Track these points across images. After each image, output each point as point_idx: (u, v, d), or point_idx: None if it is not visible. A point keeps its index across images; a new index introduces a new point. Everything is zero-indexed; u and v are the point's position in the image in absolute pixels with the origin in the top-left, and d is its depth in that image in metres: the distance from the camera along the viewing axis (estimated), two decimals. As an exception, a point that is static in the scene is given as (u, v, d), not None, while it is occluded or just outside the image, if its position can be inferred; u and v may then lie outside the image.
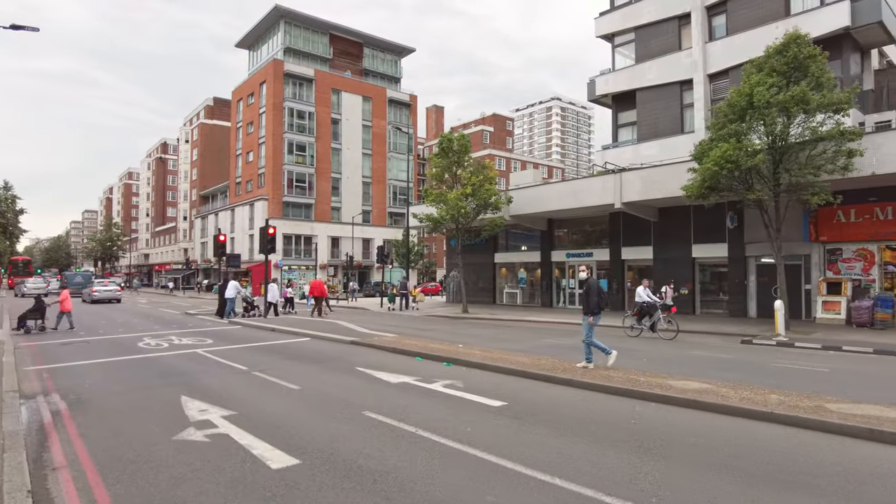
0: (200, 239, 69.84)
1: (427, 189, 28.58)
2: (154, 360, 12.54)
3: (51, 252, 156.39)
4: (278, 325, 19.00)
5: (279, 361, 12.05)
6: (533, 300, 32.20)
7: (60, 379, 10.34)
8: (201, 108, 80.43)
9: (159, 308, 31.49)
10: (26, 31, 16.75)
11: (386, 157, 62.04)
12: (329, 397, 8.53)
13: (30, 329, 17.66)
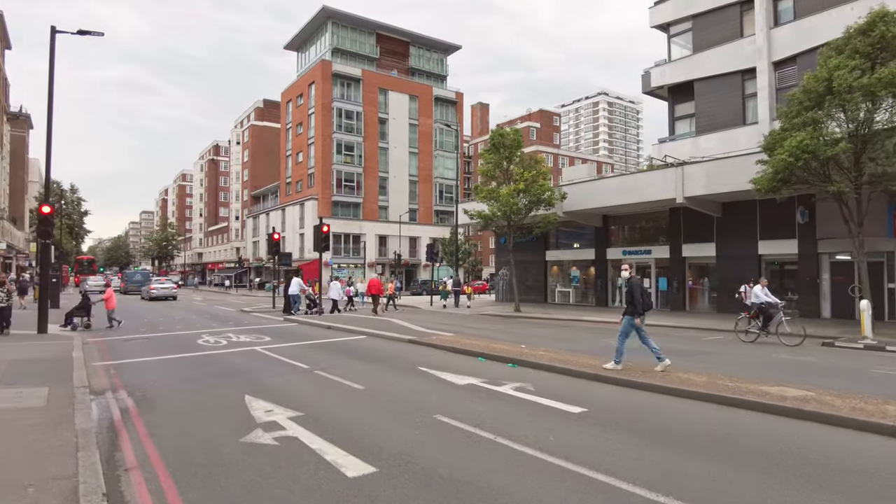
0: (252, 238, 71.39)
1: (477, 186, 28.11)
2: (214, 357, 12.54)
3: (112, 251, 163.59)
4: (334, 323, 18.92)
5: (340, 360, 11.84)
6: (586, 299, 31.32)
7: (126, 375, 10.39)
8: (251, 110, 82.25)
9: (215, 305, 32.15)
10: (92, 35, 17.16)
11: (432, 155, 61.89)
12: (396, 399, 8.20)
13: (75, 326, 18.07)
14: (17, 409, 7.29)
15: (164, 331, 18.11)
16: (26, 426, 6.49)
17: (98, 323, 19.08)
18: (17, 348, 12.83)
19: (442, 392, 8.64)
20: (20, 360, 11.06)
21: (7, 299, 15.51)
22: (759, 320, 14.85)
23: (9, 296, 15.76)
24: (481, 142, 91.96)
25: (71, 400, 7.85)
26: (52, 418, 6.87)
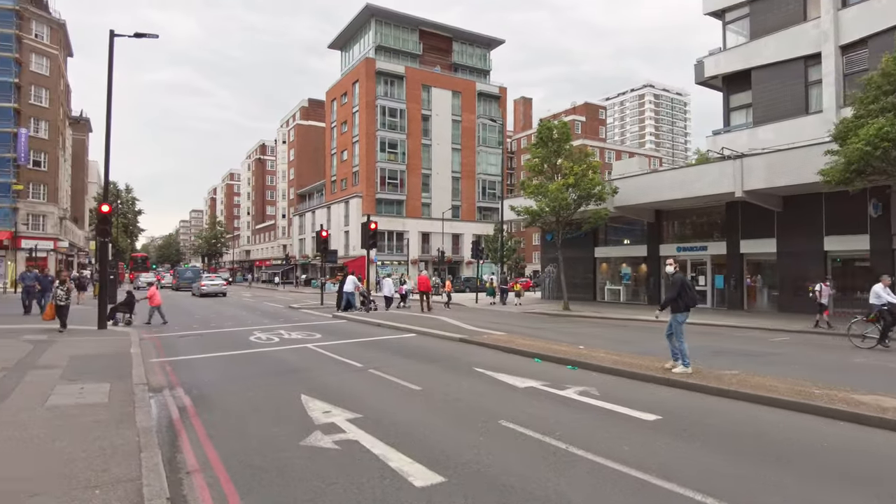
0: (298, 236, 72.55)
1: (524, 181, 27.57)
2: (266, 354, 12.53)
3: (163, 249, 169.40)
4: (383, 321, 18.79)
5: (392, 358, 11.62)
6: (636, 297, 30.38)
7: (182, 372, 10.43)
8: (296, 109, 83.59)
9: (264, 302, 32.64)
10: (147, 37, 17.48)
11: (475, 151, 61.41)
12: (455, 401, 7.89)
13: (118, 321, 18.43)
14: (81, 405, 7.32)
15: (216, 327, 18.34)
16: (89, 423, 6.47)
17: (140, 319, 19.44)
18: (78, 344, 13.13)
19: (502, 395, 8.28)
20: (81, 356, 11.26)
21: (66, 297, 15.39)
22: (879, 324, 12.96)
23: (68, 294, 15.61)
24: (524, 137, 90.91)
25: (131, 397, 7.86)
26: (113, 416, 6.85)
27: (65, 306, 15.24)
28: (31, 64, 51.53)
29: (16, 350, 11.81)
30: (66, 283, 15.84)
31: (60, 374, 9.33)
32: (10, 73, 49.72)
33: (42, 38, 52.98)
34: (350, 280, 24.36)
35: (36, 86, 52.02)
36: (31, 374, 9.24)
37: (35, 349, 12.00)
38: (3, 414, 6.80)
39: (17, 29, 50.51)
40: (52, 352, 11.67)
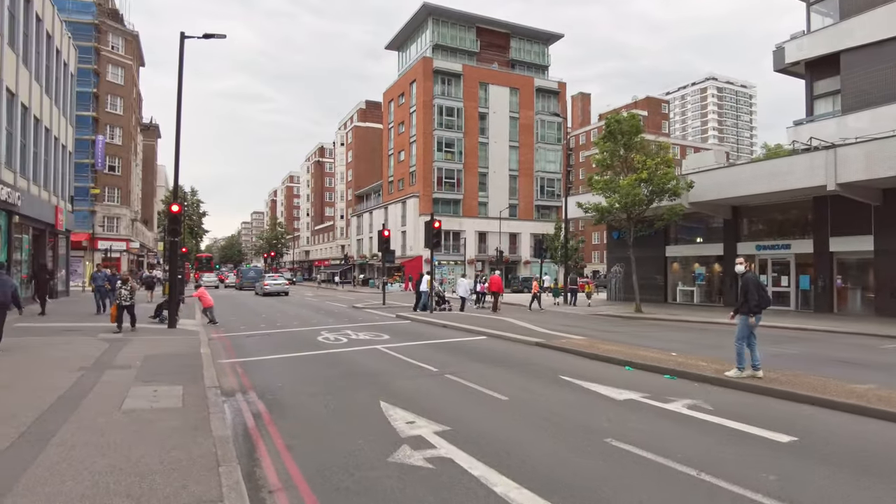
0: (356, 236, 73.27)
1: (591, 176, 26.39)
2: (337, 356, 12.12)
3: (226, 250, 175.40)
4: (449, 322, 18.20)
5: (467, 363, 10.96)
6: (710, 298, 28.66)
7: (253, 374, 10.12)
8: (354, 111, 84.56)
9: (326, 301, 32.73)
10: (215, 38, 17.52)
11: (533, 148, 60.17)
12: (549, 414, 7.12)
13: (164, 318, 18.45)
14: (155, 409, 7.00)
15: (283, 327, 18.22)
16: (165, 430, 6.10)
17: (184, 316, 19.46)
18: (151, 343, 13.12)
19: (601, 408, 7.46)
20: (154, 356, 11.16)
21: (130, 297, 14.89)
22: None
23: (131, 294, 15.06)
24: (583, 133, 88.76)
25: (204, 401, 7.51)
26: (188, 422, 6.48)
27: (130, 306, 14.89)
28: (107, 74, 54.04)
29: (93, 348, 11.85)
30: (128, 282, 15.35)
31: (135, 374, 9.16)
32: (90, 83, 52.23)
33: (117, 50, 55.48)
34: (425, 279, 23.90)
35: (112, 95, 54.51)
36: (108, 374, 9.09)
37: (111, 348, 12.02)
38: (83, 416, 6.55)
39: (95, 42, 53.07)
40: (127, 351, 11.63)
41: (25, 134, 22.49)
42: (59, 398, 7.38)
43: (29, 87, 22.67)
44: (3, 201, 19.08)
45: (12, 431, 5.92)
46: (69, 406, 7.00)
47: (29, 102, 22.62)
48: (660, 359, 10.51)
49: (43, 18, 24.72)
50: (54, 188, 27.09)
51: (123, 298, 14.73)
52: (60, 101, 28.10)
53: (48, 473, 4.76)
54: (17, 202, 20.36)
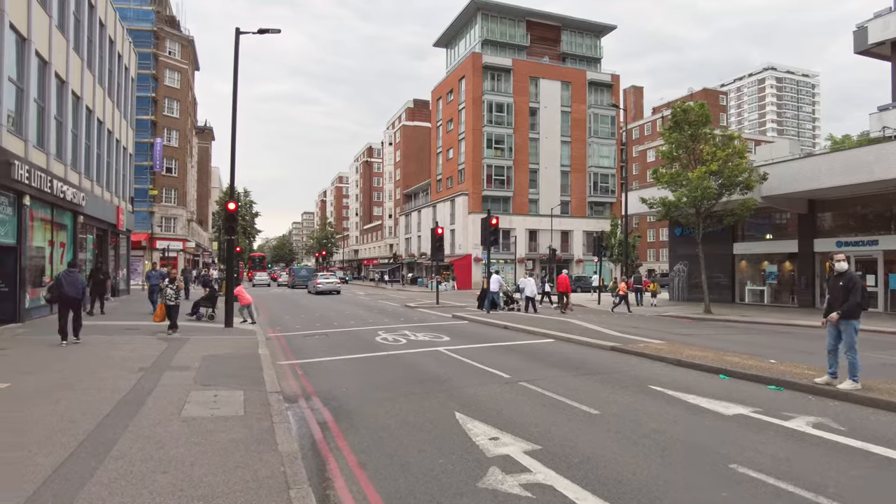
0: (405, 235, 73.18)
1: (656, 170, 25.00)
2: (398, 358, 11.51)
3: (277, 249, 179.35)
4: (510, 323, 17.37)
5: (541, 369, 10.13)
6: (779, 298, 26.84)
7: (315, 377, 9.61)
8: (402, 110, 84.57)
9: (378, 300, 32.39)
10: (270, 33, 17.26)
11: (586, 143, 58.46)
12: (652, 432, 6.24)
13: (201, 316, 18.16)
14: (216, 418, 6.50)
15: (339, 326, 17.81)
16: (227, 443, 5.57)
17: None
18: (208, 343, 12.85)
19: (709, 425, 6.52)
20: (212, 357, 10.82)
21: (176, 297, 14.12)
22: None
23: (177, 293, 14.27)
24: (636, 127, 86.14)
25: (267, 408, 6.99)
26: (252, 433, 5.94)
27: (175, 306, 14.11)
28: (165, 78, 55.58)
29: (152, 348, 11.64)
30: (175, 281, 14.66)
31: (193, 377, 8.76)
32: (149, 88, 53.82)
33: (174, 55, 56.98)
34: (495, 279, 23.19)
35: (169, 98, 56.03)
36: (167, 376, 8.73)
37: (169, 348, 11.79)
38: (142, 424, 6.11)
39: (154, 48, 54.66)
40: (185, 351, 11.35)
41: (90, 136, 22.94)
42: (119, 402, 7.00)
43: (93, 90, 23.12)
44: (69, 202, 19.41)
45: (71, 440, 5.52)
46: (128, 411, 6.59)
47: (93, 105, 23.07)
48: (757, 366, 9.41)
49: (106, 24, 25.24)
50: (116, 189, 27.69)
51: (169, 298, 14.10)
52: (122, 104, 28.73)
53: (107, 492, 4.28)
54: (81, 203, 20.72)
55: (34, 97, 16.82)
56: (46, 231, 18.23)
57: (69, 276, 12.14)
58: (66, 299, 11.84)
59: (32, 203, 16.52)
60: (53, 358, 10.26)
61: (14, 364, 9.56)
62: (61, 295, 11.83)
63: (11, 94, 15.41)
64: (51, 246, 18.53)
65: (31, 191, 15.94)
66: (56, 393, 7.44)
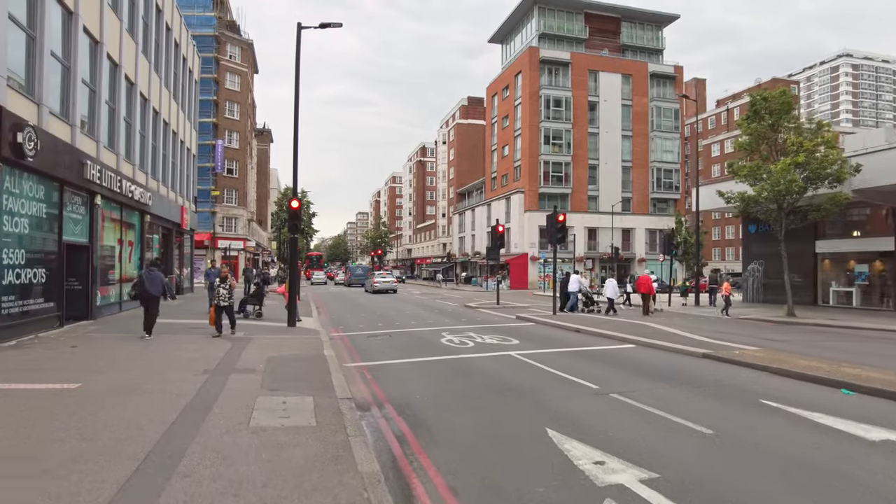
0: (458, 234, 72.65)
1: (733, 163, 23.41)
2: (468, 363, 10.84)
3: (333, 249, 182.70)
4: (581, 326, 16.42)
5: (630, 378, 9.23)
6: (869, 301, 24.64)
7: (385, 382, 9.05)
8: (456, 108, 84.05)
9: (436, 300, 31.88)
10: (332, 27, 16.96)
11: (648, 137, 56.24)
12: (787, 461, 5.30)
13: (248, 313, 17.83)
14: (286, 429, 5.99)
15: (401, 327, 17.32)
16: (301, 460, 5.02)
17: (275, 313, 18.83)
18: (272, 343, 12.56)
19: (851, 453, 5.53)
20: (277, 359, 10.45)
21: (229, 297, 13.13)
22: None
23: (230, 292, 13.22)
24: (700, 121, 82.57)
25: (340, 418, 6.44)
26: (327, 448, 5.38)
27: (228, 307, 13.12)
28: (226, 82, 57.07)
29: (216, 348, 11.41)
30: (227, 279, 13.23)
31: (260, 380, 8.36)
32: (211, 91, 55.39)
33: (234, 58, 58.45)
34: (574, 279, 22.31)
35: (229, 101, 57.51)
36: (233, 379, 8.36)
37: (233, 348, 11.53)
38: (209, 434, 5.66)
39: (215, 52, 56.20)
40: (249, 352, 11.05)
41: (156, 137, 23.39)
42: (185, 408, 6.61)
43: (159, 92, 23.57)
44: (137, 201, 19.75)
45: (138, 450, 5.11)
46: (194, 419, 6.18)
47: (159, 107, 23.52)
48: (886, 380, 8.21)
49: (172, 28, 25.75)
50: (180, 189, 28.27)
51: (222, 298, 13.10)
52: (186, 106, 29.33)
53: (174, 520, 3.77)
54: (148, 202, 21.09)
55: (105, 99, 17.12)
56: (116, 230, 18.57)
57: (150, 275, 12.95)
58: (147, 296, 12.66)
59: (103, 202, 16.80)
60: (122, 357, 10.13)
61: (85, 362, 9.46)
62: (143, 292, 12.68)
63: (85, 96, 15.66)
64: (120, 245, 18.88)
65: (101, 190, 16.19)
66: (124, 395, 7.15)
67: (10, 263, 11.62)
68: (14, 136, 11.17)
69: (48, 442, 5.33)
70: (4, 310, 11.43)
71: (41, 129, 12.46)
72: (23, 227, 12.12)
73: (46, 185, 13.19)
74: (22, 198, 12.08)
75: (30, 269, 12.42)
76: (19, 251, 11.96)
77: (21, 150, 11.34)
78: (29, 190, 12.40)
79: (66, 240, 14.23)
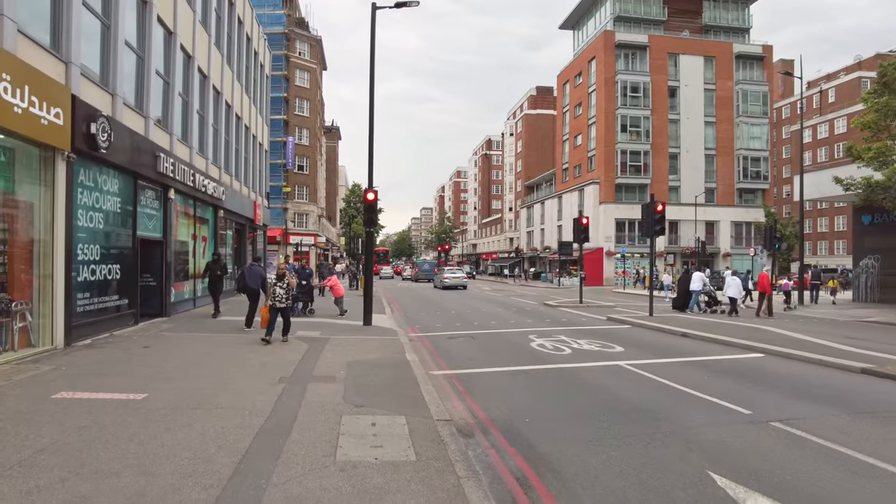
0: (526, 228, 70.70)
1: (852, 144, 20.67)
2: (571, 374, 9.43)
3: (398, 244, 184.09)
4: (687, 330, 14.59)
5: (786, 400, 7.50)
6: None
7: (480, 396, 7.81)
8: (524, 99, 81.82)
9: (510, 297, 30.36)
10: (409, 6, 15.84)
11: (733, 123, 52.31)
12: None
13: (297, 311, 16.79)
14: (382, 465, 4.82)
15: (481, 327, 16.05)
16: (406, 516, 3.83)
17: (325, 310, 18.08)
18: (350, 345, 11.59)
19: None
20: (357, 364, 9.44)
21: (286, 297, 11.77)
22: None
23: (288, 291, 11.85)
24: (786, 105, 76.90)
25: (443, 449, 5.24)
26: (436, 495, 4.18)
27: (284, 309, 11.71)
28: (295, 79, 57.62)
29: (291, 351, 10.54)
30: (285, 278, 11.81)
31: (342, 392, 7.31)
32: (281, 88, 56.07)
33: (303, 55, 58.92)
34: (697, 276, 20.49)
35: (299, 98, 58.05)
36: (311, 391, 7.35)
37: (309, 351, 10.63)
38: (290, 473, 4.56)
39: (285, 49, 56.84)
40: (327, 356, 10.10)
41: (229, 131, 23.16)
42: (259, 431, 5.59)
43: (231, 86, 23.33)
44: (210, 195, 19.43)
45: (203, 496, 4.06)
46: (271, 447, 5.13)
47: (231, 101, 23.27)
48: None
49: (244, 21, 25.52)
50: (253, 184, 28.15)
51: (278, 299, 11.64)
52: (258, 100, 29.19)
53: None
54: (221, 197, 20.81)
55: (179, 90, 16.74)
56: (189, 225, 18.27)
57: (250, 270, 13.82)
58: (247, 290, 13.49)
59: (177, 197, 16.45)
60: (193, 360, 9.38)
61: (156, 366, 8.74)
62: (244, 286, 13.58)
63: (158, 87, 15.27)
64: (193, 240, 18.58)
65: (175, 184, 15.80)
66: (191, 412, 6.23)
67: (85, 259, 11.18)
68: (88, 126, 10.68)
69: (102, 476, 4.39)
70: (80, 307, 11.01)
71: (115, 120, 11.99)
72: (98, 222, 11.68)
73: (121, 178, 12.77)
74: (96, 191, 11.64)
75: (104, 266, 12.01)
76: (94, 247, 11.53)
77: (95, 142, 10.85)
78: (103, 183, 11.96)
79: (141, 235, 13.84)
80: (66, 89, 10.12)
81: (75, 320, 10.72)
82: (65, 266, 10.23)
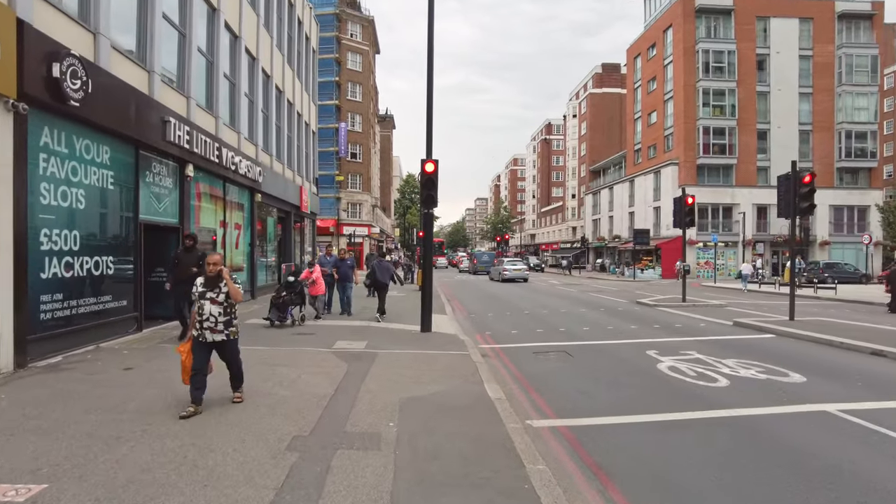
0: (592, 216, 65.98)
1: None
2: (759, 431, 5.81)
3: (452, 235, 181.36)
4: (881, 347, 10.56)
5: None
6: None
7: (631, 487, 4.34)
8: (589, 78, 76.59)
9: (586, 293, 26.35)
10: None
11: (833, 93, 46.02)
12: None
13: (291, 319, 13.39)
14: None
15: (570, 335, 12.48)
16: None
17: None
18: (400, 366, 8.38)
19: None
20: (414, 404, 6.20)
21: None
22: None
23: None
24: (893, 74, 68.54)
25: None
26: None
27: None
28: (347, 62, 55.12)
29: (320, 376, 7.40)
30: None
31: (392, 476, 4.04)
32: (332, 72, 53.69)
33: (355, 37, 56.31)
34: None
35: (351, 82, 55.52)
36: (338, 473, 4.10)
37: (347, 376, 7.48)
38: None
39: (336, 31, 54.40)
40: (371, 385, 6.92)
41: (267, 105, 20.41)
42: None
43: (270, 53, 20.54)
44: (244, 175, 16.66)
45: None
46: None
47: (270, 70, 20.48)
48: None
49: None
50: (298, 168, 25.45)
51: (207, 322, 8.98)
52: (303, 75, 26.41)
53: None
54: (258, 178, 18.05)
55: (198, 45, 13.87)
56: (217, 210, 15.50)
57: (381, 265, 14.33)
58: (378, 285, 14.07)
59: (197, 175, 13.65)
60: (173, 403, 6.31)
61: (111, 409, 5.72)
62: (375, 281, 14.07)
63: (166, 35, 12.40)
64: (223, 227, 15.81)
65: (193, 158, 12.97)
66: None
67: (54, 250, 8.39)
68: (49, 67, 7.83)
69: None
70: (46, 313, 8.23)
71: (96, 66, 9.12)
72: (76, 201, 8.88)
73: (113, 145, 9.94)
74: (73, 160, 8.82)
75: (88, 258, 9.21)
76: (69, 233, 8.73)
77: (60, 90, 7.99)
78: (84, 150, 9.14)
79: (145, 219, 11.04)
80: (5, 10, 7.24)
81: (36, 332, 7.95)
82: (13, 259, 7.42)
